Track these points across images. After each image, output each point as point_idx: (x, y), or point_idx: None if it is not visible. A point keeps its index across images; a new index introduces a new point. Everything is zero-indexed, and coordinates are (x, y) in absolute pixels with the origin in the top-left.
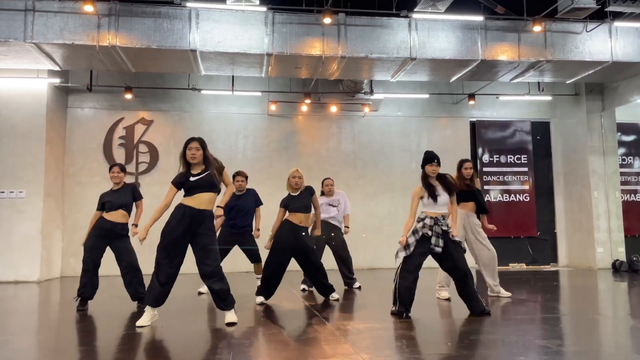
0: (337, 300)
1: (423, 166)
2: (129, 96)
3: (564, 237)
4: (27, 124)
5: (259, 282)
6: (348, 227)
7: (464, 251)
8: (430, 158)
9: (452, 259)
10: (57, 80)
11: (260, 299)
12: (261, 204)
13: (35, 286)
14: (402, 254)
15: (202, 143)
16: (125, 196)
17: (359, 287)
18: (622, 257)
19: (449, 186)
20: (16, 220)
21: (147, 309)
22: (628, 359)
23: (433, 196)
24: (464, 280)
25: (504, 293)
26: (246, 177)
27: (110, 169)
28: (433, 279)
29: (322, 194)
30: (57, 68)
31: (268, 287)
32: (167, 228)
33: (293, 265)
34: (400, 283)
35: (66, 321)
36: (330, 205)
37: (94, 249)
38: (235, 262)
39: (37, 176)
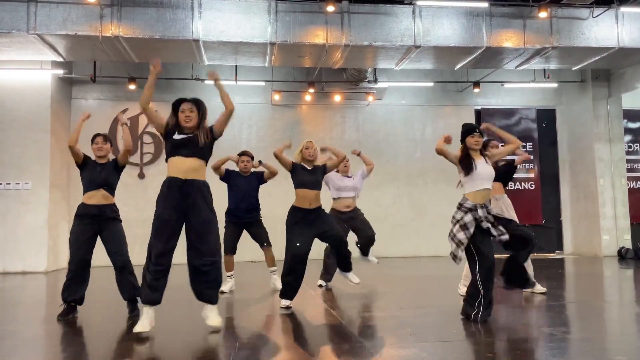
0: (357, 283)
1: (463, 140)
2: (132, 87)
3: (569, 225)
4: (31, 115)
5: (274, 276)
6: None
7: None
8: (470, 129)
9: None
10: (60, 72)
11: (286, 302)
12: (262, 175)
13: (43, 276)
14: (460, 252)
15: (200, 106)
16: (107, 172)
17: (378, 262)
18: (628, 244)
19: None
20: (23, 211)
21: (144, 310)
22: (633, 345)
23: (469, 168)
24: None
25: (538, 289)
26: (252, 157)
27: (92, 140)
28: (444, 266)
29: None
30: (60, 59)
31: (291, 286)
32: (156, 209)
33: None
34: (485, 286)
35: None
36: (345, 176)
37: (81, 242)
38: (239, 252)
39: (43, 167)
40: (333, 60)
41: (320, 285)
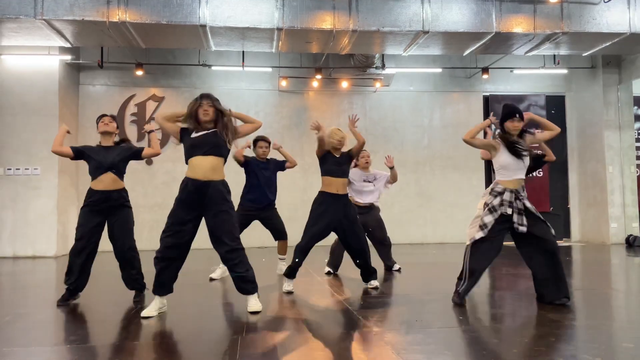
0: (375, 288)
1: (502, 122)
2: (139, 73)
3: (577, 213)
4: (40, 101)
5: (282, 264)
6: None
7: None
8: (511, 112)
9: (537, 240)
10: (68, 57)
11: (290, 283)
12: (284, 164)
13: (53, 261)
14: (480, 234)
15: (214, 98)
16: (116, 154)
17: (399, 270)
18: (636, 232)
19: (529, 149)
20: (32, 197)
21: (155, 298)
22: None
23: (516, 153)
24: (553, 259)
25: None
26: (269, 143)
27: (98, 119)
28: (451, 253)
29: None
30: (68, 45)
31: (296, 265)
32: (174, 206)
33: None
34: (472, 265)
35: (83, 295)
36: (365, 181)
37: (85, 231)
38: (247, 237)
39: (51, 153)
40: (340, 46)
41: (328, 272)
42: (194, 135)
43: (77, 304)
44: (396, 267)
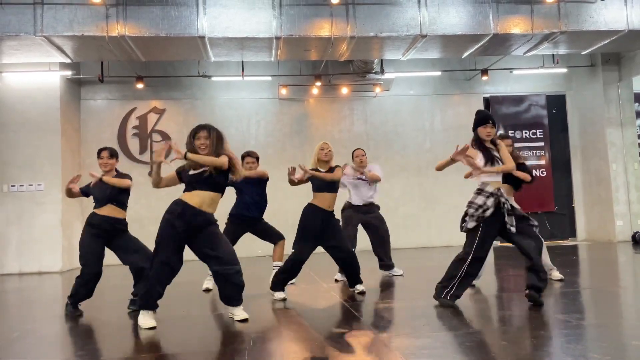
0: (362, 293)
1: (475, 129)
2: (140, 86)
3: (582, 211)
4: (42, 117)
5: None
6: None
7: (535, 227)
8: (483, 118)
9: (523, 238)
10: (69, 73)
11: (281, 294)
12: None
13: (59, 276)
14: (471, 224)
15: (211, 131)
16: (114, 188)
17: (402, 274)
18: None
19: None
20: (37, 212)
21: (146, 312)
22: None
23: (491, 158)
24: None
25: (555, 275)
26: (257, 159)
27: (98, 154)
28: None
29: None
30: (68, 60)
31: (285, 279)
32: (164, 222)
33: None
34: (468, 271)
35: (89, 309)
36: (360, 179)
37: (93, 255)
38: (251, 246)
39: (55, 168)
40: (339, 52)
41: (337, 280)
42: (191, 172)
43: (84, 318)
44: (399, 272)
